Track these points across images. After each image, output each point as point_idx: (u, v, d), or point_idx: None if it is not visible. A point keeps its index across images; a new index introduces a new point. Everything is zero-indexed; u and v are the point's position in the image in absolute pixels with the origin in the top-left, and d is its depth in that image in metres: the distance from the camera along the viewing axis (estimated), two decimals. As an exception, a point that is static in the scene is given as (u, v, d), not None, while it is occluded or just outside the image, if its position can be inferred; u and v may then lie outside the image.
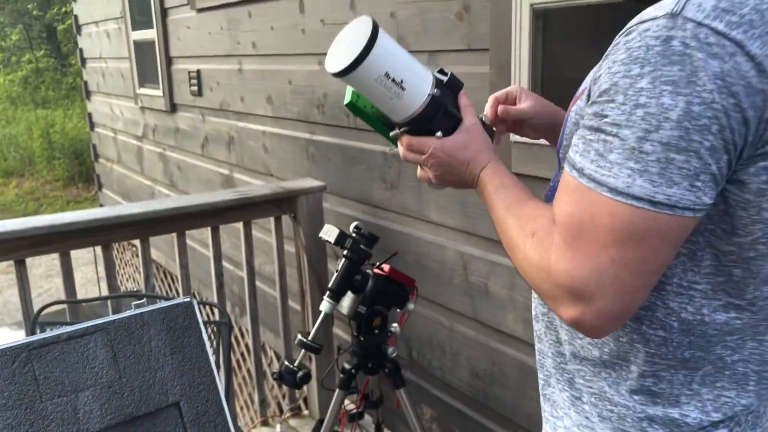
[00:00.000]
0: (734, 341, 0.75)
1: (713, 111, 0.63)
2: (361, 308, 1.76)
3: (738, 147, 0.65)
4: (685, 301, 0.74)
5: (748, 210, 0.68)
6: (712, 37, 0.62)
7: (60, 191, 10.94)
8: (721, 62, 0.62)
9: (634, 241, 0.67)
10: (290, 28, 2.87)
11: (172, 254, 4.58)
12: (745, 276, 0.72)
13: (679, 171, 0.64)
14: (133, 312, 0.90)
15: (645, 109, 0.64)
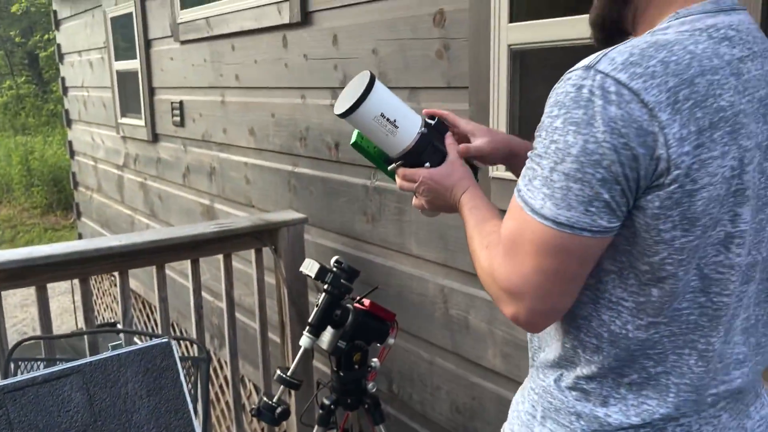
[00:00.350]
0: (656, 354, 0.84)
1: (604, 149, 0.74)
2: (341, 343, 1.76)
3: (630, 179, 0.75)
4: (614, 315, 0.84)
5: (649, 232, 0.78)
6: (614, 87, 0.75)
7: (37, 219, 10.80)
8: (617, 108, 0.74)
9: (548, 254, 0.80)
10: (273, 62, 2.91)
11: (151, 284, 4.53)
12: (662, 295, 0.81)
13: (576, 197, 0.76)
14: (110, 353, 0.90)
15: (556, 144, 0.78)
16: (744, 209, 0.80)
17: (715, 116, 0.75)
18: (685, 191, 0.75)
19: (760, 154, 0.81)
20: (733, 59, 0.80)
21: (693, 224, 0.77)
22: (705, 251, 0.80)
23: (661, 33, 0.81)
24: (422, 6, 2.07)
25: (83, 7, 5.24)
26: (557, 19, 1.66)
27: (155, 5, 3.98)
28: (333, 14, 2.49)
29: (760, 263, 0.86)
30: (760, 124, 0.81)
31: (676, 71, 0.75)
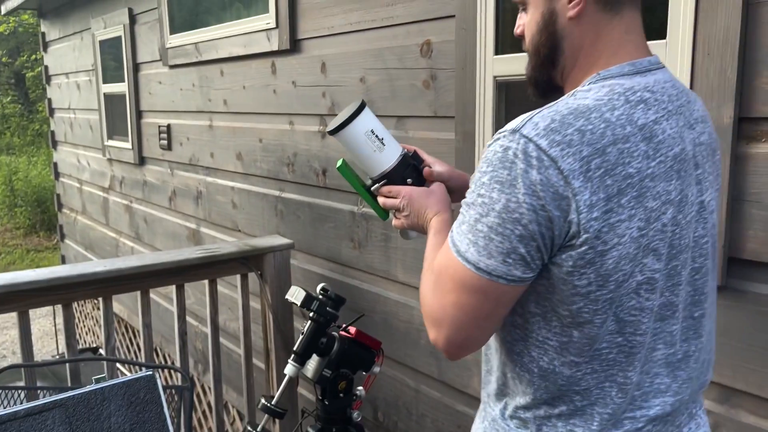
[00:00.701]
0: (582, 390, 0.93)
1: (523, 209, 0.83)
2: (327, 372, 1.75)
3: (546, 237, 0.84)
4: (542, 352, 0.93)
5: (566, 285, 0.87)
6: (535, 152, 0.82)
7: (20, 239, 10.68)
8: (537, 172, 0.82)
9: (467, 292, 0.89)
10: (262, 88, 2.93)
11: (135, 308, 4.49)
12: (581, 337, 0.89)
13: (496, 248, 0.85)
14: (93, 387, 0.90)
15: (482, 198, 0.86)
16: (651, 260, 0.88)
17: (623, 183, 0.83)
18: (597, 252, 0.83)
19: (673, 209, 0.88)
20: (647, 122, 0.87)
21: (606, 280, 0.85)
22: (620, 300, 0.88)
23: (582, 96, 0.88)
24: (410, 37, 2.10)
25: (72, 29, 5.26)
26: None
27: (144, 29, 4.00)
28: (322, 42, 2.52)
29: (681, 303, 0.94)
30: (673, 181, 0.88)
31: (590, 140, 0.82)
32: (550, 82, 0.99)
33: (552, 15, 0.94)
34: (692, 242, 0.93)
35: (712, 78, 1.32)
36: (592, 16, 0.91)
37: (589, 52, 0.93)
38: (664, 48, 1.40)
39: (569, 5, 0.91)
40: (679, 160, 0.89)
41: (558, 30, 0.94)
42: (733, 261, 1.36)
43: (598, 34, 0.92)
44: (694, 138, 0.93)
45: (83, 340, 5.93)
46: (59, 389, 1.47)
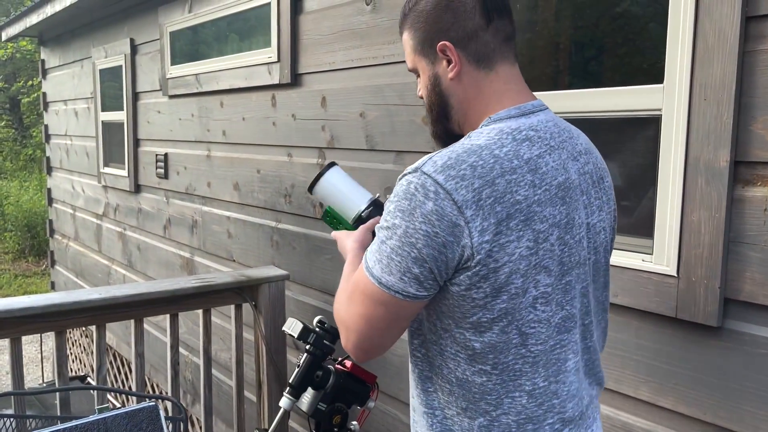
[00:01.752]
0: (493, 400, 1.04)
1: (419, 235, 0.96)
2: (322, 405, 1.73)
3: (438, 260, 0.96)
4: (455, 363, 1.05)
5: (465, 300, 0.99)
6: (432, 186, 0.95)
7: (8, 264, 10.58)
8: (433, 203, 0.95)
9: (372, 304, 1.02)
10: (261, 120, 2.96)
11: (124, 336, 4.45)
12: (485, 347, 1.01)
13: (396, 267, 0.98)
14: (96, 417, 0.89)
15: (387, 224, 1.00)
16: (543, 276, 1.00)
17: (511, 209, 0.96)
18: (490, 269, 0.96)
19: (559, 230, 1.01)
20: (532, 157, 1.00)
21: (499, 291, 0.98)
22: (520, 314, 1.00)
23: (476, 137, 1.01)
24: (409, 73, 2.14)
25: (72, 57, 5.31)
26: (539, 93, 1.74)
27: (145, 60, 4.05)
28: (322, 77, 2.56)
29: (578, 315, 1.08)
30: (558, 206, 1.01)
31: (481, 174, 0.95)
32: (449, 133, 1.14)
33: (437, 78, 1.10)
34: (583, 260, 1.07)
35: (708, 122, 1.36)
36: (470, 75, 1.07)
37: (476, 104, 1.08)
38: (661, 92, 1.44)
39: (448, 69, 1.08)
40: (564, 188, 1.02)
41: (444, 90, 1.10)
42: (729, 302, 1.38)
43: (479, 88, 1.07)
44: (579, 168, 1.07)
45: (69, 368, 5.84)
46: (50, 418, 1.46)
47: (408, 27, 1.13)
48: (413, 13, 1.11)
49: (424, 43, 1.10)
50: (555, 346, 1.04)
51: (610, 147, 1.64)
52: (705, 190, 1.37)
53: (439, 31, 1.07)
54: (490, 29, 1.06)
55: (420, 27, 1.10)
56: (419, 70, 1.13)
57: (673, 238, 1.44)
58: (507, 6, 1.09)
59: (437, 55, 1.08)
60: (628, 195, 1.60)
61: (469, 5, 1.06)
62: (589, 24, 1.67)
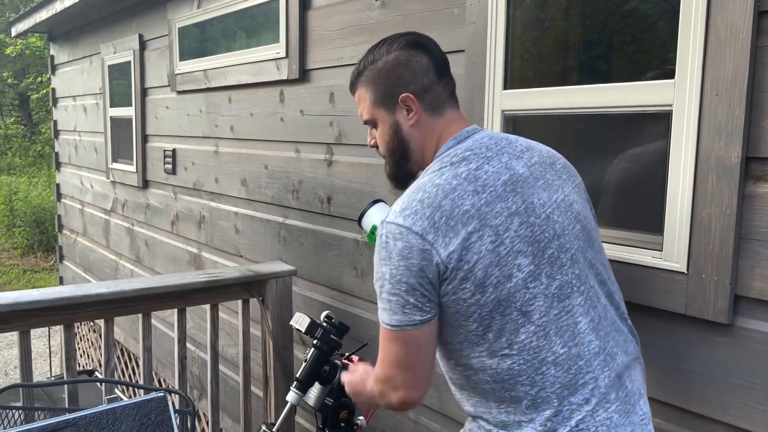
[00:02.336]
0: (526, 380, 1.16)
1: (401, 270, 1.14)
2: (328, 400, 1.74)
3: (424, 284, 1.13)
4: (480, 362, 1.18)
5: (459, 304, 1.15)
6: (396, 229, 1.15)
7: (17, 260, 10.64)
8: (401, 242, 1.14)
9: (396, 346, 1.19)
10: (269, 115, 2.96)
11: (131, 331, 4.47)
12: (496, 335, 1.15)
13: (397, 305, 1.16)
14: (105, 407, 0.89)
15: (377, 275, 1.19)
16: (521, 259, 1.15)
17: (463, 218, 1.13)
18: (465, 270, 1.12)
19: (520, 217, 1.16)
20: (470, 172, 1.18)
21: (483, 286, 1.13)
22: (515, 297, 1.14)
23: (421, 176, 1.24)
24: (419, 69, 2.14)
25: (81, 53, 5.32)
26: (549, 89, 1.73)
27: (154, 55, 4.06)
28: (330, 73, 2.56)
29: (574, 280, 1.19)
30: (510, 198, 1.17)
31: (429, 203, 1.14)
32: (407, 173, 1.33)
33: (398, 125, 1.30)
34: (560, 231, 1.20)
35: (720, 117, 1.35)
36: (425, 121, 1.29)
37: (429, 145, 1.29)
38: (673, 88, 1.43)
39: (408, 116, 1.29)
40: (512, 182, 1.19)
41: (404, 135, 1.30)
42: (739, 299, 1.37)
43: (432, 131, 1.29)
44: (525, 162, 1.23)
45: (77, 362, 5.86)
46: (59, 410, 1.46)
47: (365, 83, 1.32)
48: (370, 71, 1.31)
49: (386, 96, 1.29)
50: (560, 313, 1.17)
51: (620, 143, 1.63)
52: (716, 186, 1.36)
53: (400, 85, 1.28)
54: (441, 83, 1.29)
55: (381, 82, 1.29)
56: (378, 120, 1.32)
57: (683, 234, 1.43)
58: (448, 65, 1.33)
59: (398, 105, 1.29)
60: (638, 191, 1.59)
61: (424, 64, 1.28)
62: (598, 19, 1.66)
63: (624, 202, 1.63)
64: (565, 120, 1.76)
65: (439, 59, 1.30)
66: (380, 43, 1.32)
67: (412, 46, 1.29)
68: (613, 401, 1.18)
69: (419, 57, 1.28)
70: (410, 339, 1.17)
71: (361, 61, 1.34)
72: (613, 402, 1.18)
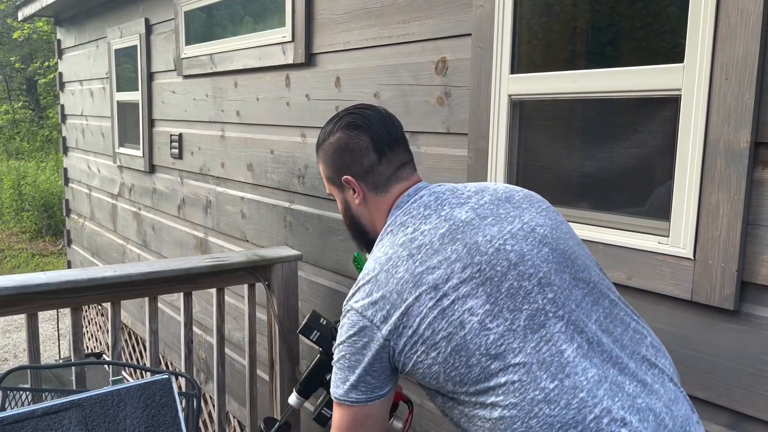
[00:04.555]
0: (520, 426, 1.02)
1: (345, 348, 1.16)
2: (326, 411, 1.58)
3: (371, 363, 1.13)
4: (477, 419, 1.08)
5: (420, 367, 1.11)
6: (346, 307, 1.17)
7: (26, 244, 10.71)
8: (348, 321, 1.15)
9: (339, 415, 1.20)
10: (275, 100, 2.95)
11: (139, 315, 4.50)
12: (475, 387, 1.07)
13: (339, 381, 1.17)
14: (109, 389, 0.90)
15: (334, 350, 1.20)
16: (472, 302, 1.07)
17: (396, 286, 1.11)
18: (410, 335, 1.09)
19: (462, 262, 1.09)
20: (406, 237, 1.16)
21: (435, 343, 1.08)
22: (474, 342, 1.06)
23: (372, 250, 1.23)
24: (425, 54, 2.12)
25: (88, 37, 5.32)
26: (557, 73, 1.71)
27: (160, 40, 4.04)
28: (336, 57, 2.54)
29: (548, 305, 1.08)
30: (448, 248, 1.12)
31: (368, 280, 1.15)
32: (370, 242, 1.31)
33: (347, 203, 1.32)
34: (516, 261, 1.10)
35: (729, 102, 1.33)
36: (371, 200, 1.28)
37: (379, 220, 1.28)
38: (682, 72, 1.42)
39: (354, 196, 1.29)
40: (451, 231, 1.14)
41: (354, 212, 1.32)
42: (746, 285, 1.36)
43: (378, 208, 1.28)
44: (471, 206, 1.18)
45: (85, 345, 5.92)
46: (67, 392, 1.46)
47: (320, 159, 1.34)
48: (322, 149, 1.32)
49: (333, 176, 1.31)
50: (538, 345, 1.05)
51: (629, 128, 1.61)
52: (724, 172, 1.35)
53: (341, 168, 1.28)
54: (383, 162, 1.27)
55: (328, 162, 1.31)
56: (334, 195, 1.35)
57: (690, 220, 1.42)
58: (397, 137, 1.29)
59: (344, 185, 1.30)
60: (645, 176, 1.58)
61: (363, 145, 1.27)
62: (607, 3, 1.64)
63: (631, 188, 1.62)
64: (572, 105, 1.74)
65: (380, 137, 1.27)
66: (329, 122, 1.33)
67: (351, 127, 1.28)
68: None
69: (357, 138, 1.27)
70: (352, 414, 1.18)
71: (318, 135, 1.36)
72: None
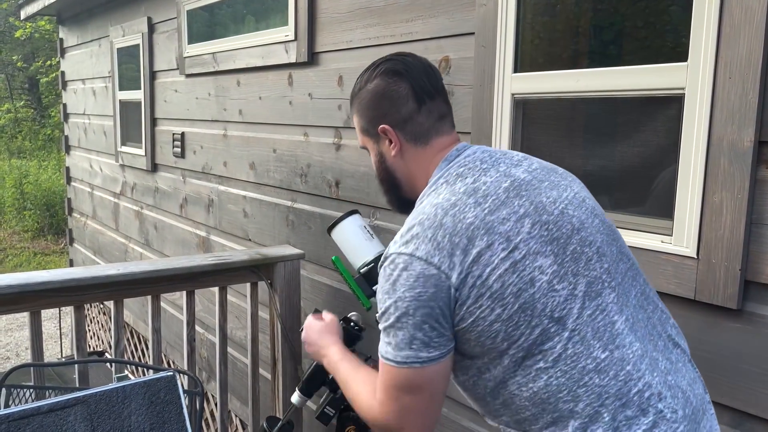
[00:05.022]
0: (568, 395, 1.02)
1: (407, 302, 1.05)
2: (329, 410, 1.59)
3: (434, 314, 1.04)
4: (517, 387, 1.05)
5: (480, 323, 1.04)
6: (399, 258, 1.07)
7: (27, 242, 10.73)
8: (405, 271, 1.06)
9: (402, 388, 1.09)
10: (278, 99, 2.95)
11: (141, 314, 4.50)
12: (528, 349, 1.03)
13: (403, 341, 1.07)
14: (114, 385, 0.90)
15: (381, 310, 1.10)
16: (541, 260, 1.04)
17: (467, 231, 1.05)
18: (479, 285, 1.03)
19: (531, 218, 1.07)
20: (468, 186, 1.11)
21: (503, 298, 1.03)
22: (542, 302, 1.03)
23: (419, 202, 1.16)
24: (427, 53, 2.12)
25: (90, 36, 5.32)
26: (560, 72, 1.71)
27: (162, 38, 4.05)
28: (339, 56, 2.54)
29: (604, 275, 1.08)
30: (515, 203, 1.08)
31: (429, 224, 1.07)
32: (402, 200, 1.28)
33: (382, 155, 1.26)
34: (579, 226, 1.10)
35: (733, 101, 1.33)
36: (408, 151, 1.22)
37: (418, 174, 1.22)
38: (685, 71, 1.41)
39: (390, 147, 1.23)
40: (514, 188, 1.11)
41: (389, 165, 1.25)
42: (750, 284, 1.36)
43: (417, 161, 1.22)
44: (525, 168, 1.16)
45: (87, 344, 5.92)
46: (70, 390, 1.47)
47: (355, 110, 1.28)
48: (357, 99, 1.27)
49: (369, 126, 1.25)
50: (594, 313, 1.04)
51: (632, 126, 1.61)
52: (728, 171, 1.35)
53: (378, 116, 1.22)
54: (423, 111, 1.21)
55: (364, 112, 1.25)
56: (368, 148, 1.29)
57: (693, 219, 1.42)
58: (438, 88, 1.23)
59: (380, 136, 1.23)
60: (648, 175, 1.58)
61: (402, 93, 1.20)
62: (610, 2, 1.64)
63: (634, 187, 1.62)
64: (575, 104, 1.74)
65: (421, 85, 1.21)
66: (366, 70, 1.27)
67: (390, 73, 1.21)
68: (681, 420, 1.02)
69: (397, 85, 1.21)
70: (418, 378, 1.07)
71: (354, 85, 1.29)
72: (680, 421, 1.02)
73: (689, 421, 1.03)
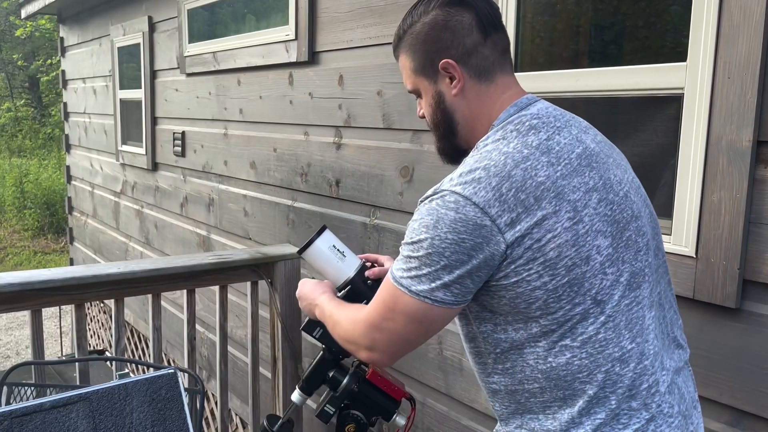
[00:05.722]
0: (585, 377, 1.02)
1: (446, 244, 0.98)
2: (329, 408, 1.55)
3: (469, 266, 0.99)
4: (534, 356, 1.04)
5: (521, 286, 0.99)
6: (451, 197, 0.99)
7: (28, 241, 10.73)
8: (455, 213, 0.98)
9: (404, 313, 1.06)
10: (278, 98, 2.96)
11: (141, 313, 4.51)
12: (562, 326, 1.01)
13: (426, 276, 1.01)
14: (116, 382, 0.90)
15: (412, 239, 1.03)
16: (600, 239, 1.00)
17: (536, 191, 0.98)
18: (534, 249, 0.97)
19: (599, 193, 1.02)
20: (541, 142, 1.03)
21: (555, 268, 0.98)
22: (590, 282, 1.00)
23: (482, 145, 1.06)
24: (428, 52, 2.13)
25: (91, 35, 5.33)
26: (560, 71, 1.72)
27: (163, 38, 4.05)
28: (340, 55, 2.55)
29: (646, 269, 1.06)
30: (586, 173, 1.03)
31: (495, 172, 0.99)
32: (457, 148, 1.17)
33: (440, 95, 1.14)
34: (637, 213, 1.07)
35: (732, 101, 1.34)
36: (472, 89, 1.11)
37: (480, 116, 1.12)
38: (684, 71, 1.42)
39: (451, 85, 1.12)
40: (585, 156, 1.04)
41: (448, 106, 1.13)
42: (748, 284, 1.36)
43: (482, 100, 1.11)
44: (593, 138, 1.09)
45: (87, 342, 5.93)
46: (71, 387, 1.48)
47: (405, 49, 1.16)
48: (409, 35, 1.14)
49: (425, 63, 1.13)
50: (631, 304, 1.03)
51: (631, 126, 1.62)
52: (726, 170, 1.36)
53: (439, 50, 1.11)
54: (488, 43, 1.10)
55: (419, 48, 1.13)
56: (421, 90, 1.16)
57: (692, 218, 1.42)
58: (500, 20, 1.13)
59: (439, 73, 1.12)
60: (647, 174, 1.58)
61: (466, 23, 1.09)
62: (610, 2, 1.65)
63: (633, 186, 1.63)
64: (575, 103, 1.75)
65: (486, 14, 1.10)
66: (419, 2, 1.15)
67: (451, 3, 1.10)
68: (676, 416, 1.05)
69: (460, 15, 1.09)
70: (420, 312, 1.03)
71: (400, 24, 1.16)
72: (675, 416, 1.05)
73: (682, 417, 1.07)
